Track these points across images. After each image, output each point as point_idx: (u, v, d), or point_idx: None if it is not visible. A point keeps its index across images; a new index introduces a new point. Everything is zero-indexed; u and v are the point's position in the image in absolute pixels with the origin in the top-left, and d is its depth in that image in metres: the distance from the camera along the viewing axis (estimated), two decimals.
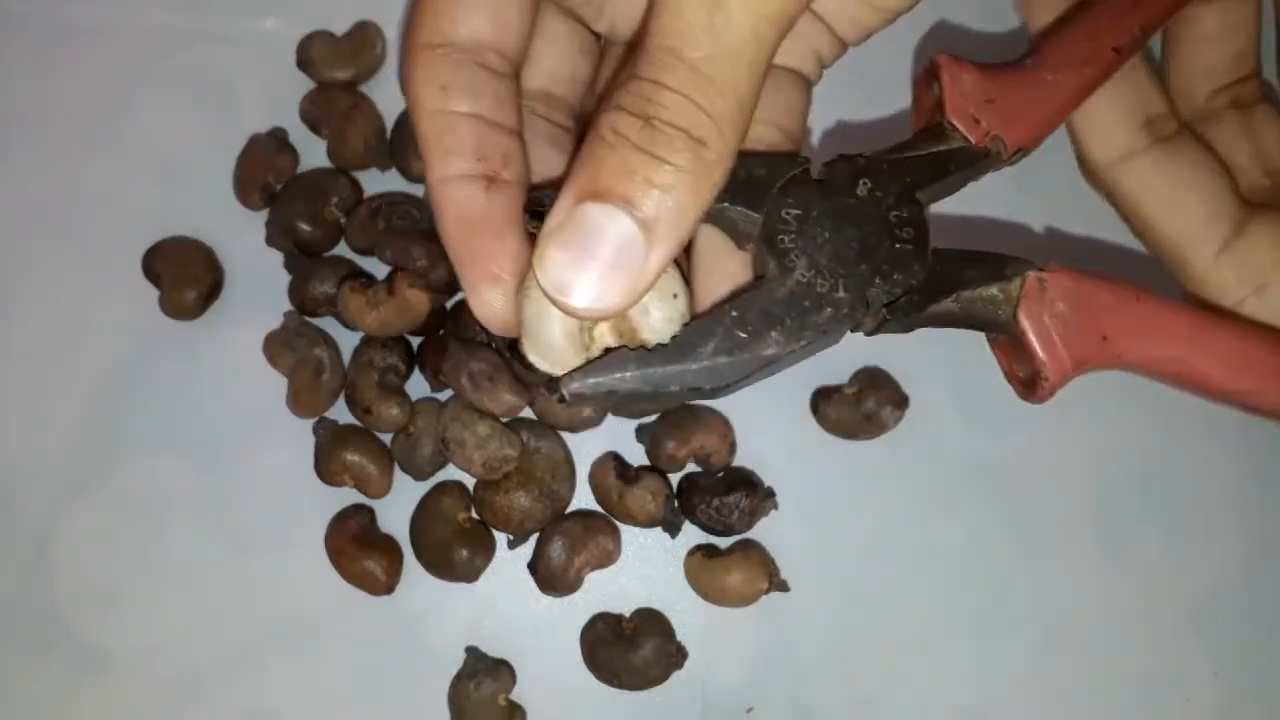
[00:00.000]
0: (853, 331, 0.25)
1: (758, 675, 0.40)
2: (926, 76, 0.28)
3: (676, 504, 0.39)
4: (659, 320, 0.25)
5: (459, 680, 0.39)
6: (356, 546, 0.39)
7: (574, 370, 0.24)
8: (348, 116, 0.40)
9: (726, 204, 0.25)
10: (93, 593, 0.40)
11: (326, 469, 0.39)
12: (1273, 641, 0.41)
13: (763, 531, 0.40)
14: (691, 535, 0.40)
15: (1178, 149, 0.31)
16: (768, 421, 0.41)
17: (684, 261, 0.27)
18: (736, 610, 0.39)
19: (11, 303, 0.41)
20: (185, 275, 0.40)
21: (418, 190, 0.41)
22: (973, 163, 0.27)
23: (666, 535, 0.40)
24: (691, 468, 0.40)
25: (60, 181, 0.41)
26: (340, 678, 0.40)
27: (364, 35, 0.41)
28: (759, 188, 0.26)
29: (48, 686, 0.39)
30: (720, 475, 0.39)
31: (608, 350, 0.24)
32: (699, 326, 0.24)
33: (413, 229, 0.39)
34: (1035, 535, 0.41)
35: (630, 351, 0.24)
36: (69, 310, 0.41)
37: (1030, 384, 0.27)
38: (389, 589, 0.39)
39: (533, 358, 0.25)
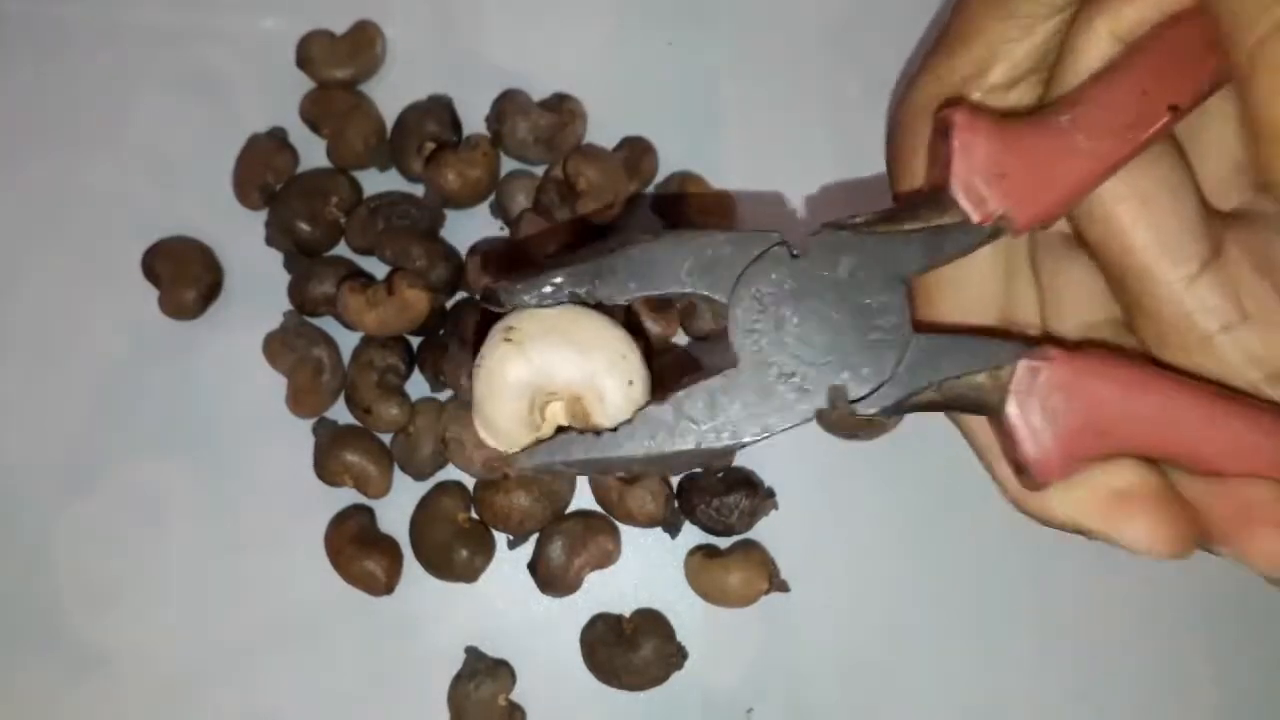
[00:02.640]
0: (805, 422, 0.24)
1: (758, 675, 0.40)
2: (940, 131, 0.24)
3: (676, 504, 0.39)
4: (613, 406, 0.24)
5: (459, 680, 0.39)
6: (356, 547, 0.39)
7: (523, 449, 0.24)
8: (347, 116, 0.40)
9: (693, 289, 0.24)
10: (92, 592, 0.40)
11: (326, 469, 0.39)
12: (1273, 641, 0.41)
13: (763, 531, 0.40)
14: (691, 535, 0.40)
15: (1162, 151, 0.26)
16: None
17: (643, 347, 0.26)
18: (736, 610, 0.39)
19: (11, 303, 0.41)
20: (184, 275, 0.40)
21: (417, 190, 0.41)
22: (973, 240, 0.24)
23: (666, 535, 0.40)
24: None
25: (60, 181, 0.41)
26: (340, 678, 0.40)
27: (363, 34, 0.41)
28: (728, 267, 0.24)
29: (47, 686, 0.39)
30: (720, 475, 0.39)
31: (560, 429, 0.24)
32: (649, 415, 0.24)
33: (412, 229, 0.39)
34: (1035, 535, 0.41)
35: (577, 435, 0.24)
36: (68, 310, 0.41)
37: (1021, 474, 0.25)
38: (389, 589, 0.39)
39: (482, 434, 0.25)
